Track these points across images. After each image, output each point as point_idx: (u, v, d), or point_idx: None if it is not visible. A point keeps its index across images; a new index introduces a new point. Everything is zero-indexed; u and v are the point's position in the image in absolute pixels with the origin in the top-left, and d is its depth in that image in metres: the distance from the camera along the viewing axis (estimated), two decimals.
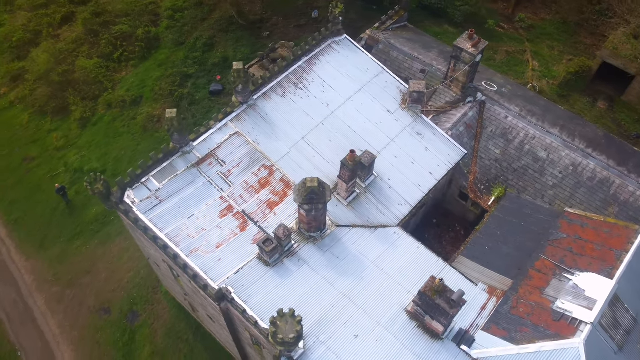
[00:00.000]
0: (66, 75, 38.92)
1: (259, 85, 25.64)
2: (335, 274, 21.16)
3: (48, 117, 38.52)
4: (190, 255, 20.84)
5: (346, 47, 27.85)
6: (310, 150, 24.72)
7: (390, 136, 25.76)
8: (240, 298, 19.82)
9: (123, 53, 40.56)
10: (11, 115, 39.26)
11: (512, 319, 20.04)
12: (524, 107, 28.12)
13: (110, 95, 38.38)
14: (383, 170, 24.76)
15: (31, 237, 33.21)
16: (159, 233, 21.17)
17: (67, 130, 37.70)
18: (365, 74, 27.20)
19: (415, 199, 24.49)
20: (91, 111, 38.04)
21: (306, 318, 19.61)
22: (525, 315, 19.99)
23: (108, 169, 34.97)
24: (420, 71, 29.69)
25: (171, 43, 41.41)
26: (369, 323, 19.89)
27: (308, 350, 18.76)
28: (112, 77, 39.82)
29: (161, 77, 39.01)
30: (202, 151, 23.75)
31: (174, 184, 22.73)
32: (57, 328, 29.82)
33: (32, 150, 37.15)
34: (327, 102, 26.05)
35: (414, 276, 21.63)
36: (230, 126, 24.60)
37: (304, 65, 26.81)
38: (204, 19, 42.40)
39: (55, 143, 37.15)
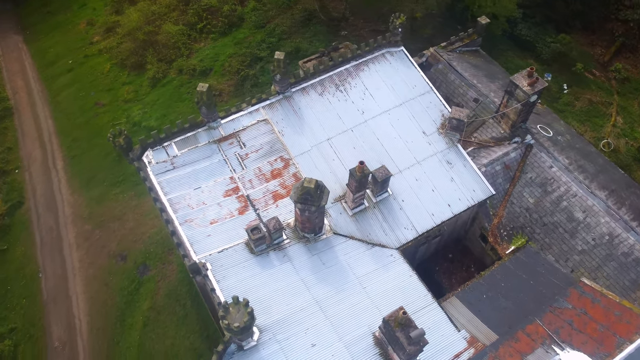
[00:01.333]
0: (150, 35, 41.51)
1: (300, 79, 25.80)
2: (315, 279, 20.94)
3: (126, 71, 41.36)
4: (183, 224, 21.58)
5: (399, 60, 27.20)
6: (332, 152, 24.52)
7: (418, 158, 24.86)
8: (215, 276, 20.22)
9: (206, 25, 42.50)
10: (97, 62, 42.62)
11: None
12: (576, 162, 25.92)
13: (183, 62, 40.39)
14: (399, 190, 23.98)
15: (81, 175, 35.95)
16: (161, 196, 22.12)
17: (138, 86, 40.28)
18: (410, 90, 26.42)
19: (423, 227, 23.48)
20: (163, 73, 40.28)
21: (270, 314, 19.66)
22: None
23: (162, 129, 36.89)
24: (474, 100, 28.30)
25: (252, 24, 42.70)
26: (331, 337, 19.48)
27: (260, 345, 18.76)
28: (191, 45, 41.87)
29: (234, 55, 40.38)
30: (227, 130, 24.40)
31: (192, 154, 23.58)
32: (77, 262, 32.14)
33: (105, 98, 40.12)
34: (363, 110, 25.65)
35: (395, 303, 20.71)
36: (260, 112, 25.02)
37: (351, 69, 26.56)
38: (289, 7, 43.26)
39: (125, 95, 39.83)
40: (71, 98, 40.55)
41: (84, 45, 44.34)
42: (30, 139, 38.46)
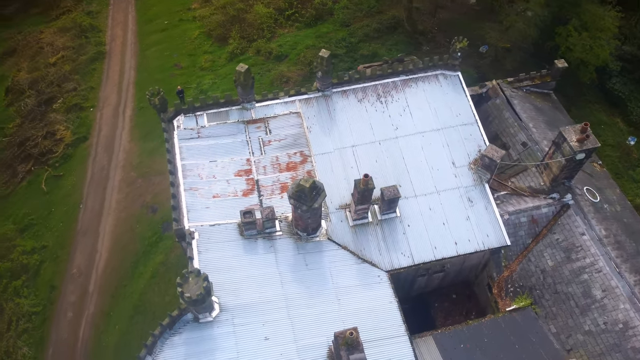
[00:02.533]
0: (240, 12, 43.28)
1: (343, 82, 25.70)
2: (292, 277, 20.93)
3: (210, 41, 43.51)
4: (187, 190, 22.48)
5: (452, 84, 26.16)
6: (352, 160, 24.23)
7: (438, 187, 23.84)
8: (198, 247, 20.90)
9: (295, 13, 43.45)
10: (188, 27, 45.23)
11: None
12: (615, 236, 23.52)
13: (263, 44, 41.67)
14: (408, 215, 23.18)
15: (142, 126, 38.49)
16: (177, 159, 23.18)
17: (216, 57, 42.22)
18: (453, 117, 25.33)
19: (421, 258, 22.53)
20: (242, 50, 41.86)
21: (238, 297, 19.99)
22: None
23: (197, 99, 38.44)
24: (522, 143, 26.51)
25: (338, 22, 43.00)
26: (288, 336, 19.42)
27: (216, 322, 19.16)
28: (274, 29, 43.07)
29: (311, 47, 40.95)
30: (258, 113, 24.97)
31: (219, 128, 24.43)
32: (115, 203, 34.59)
33: (184, 61, 42.53)
34: (397, 126, 25.04)
35: (364, 323, 20.13)
36: (295, 104, 25.30)
37: (399, 83, 26.00)
38: (378, 12, 43.01)
39: (203, 63, 41.94)
40: (156, 55, 43.43)
41: (182, 9, 47.16)
42: (111, 83, 41.79)
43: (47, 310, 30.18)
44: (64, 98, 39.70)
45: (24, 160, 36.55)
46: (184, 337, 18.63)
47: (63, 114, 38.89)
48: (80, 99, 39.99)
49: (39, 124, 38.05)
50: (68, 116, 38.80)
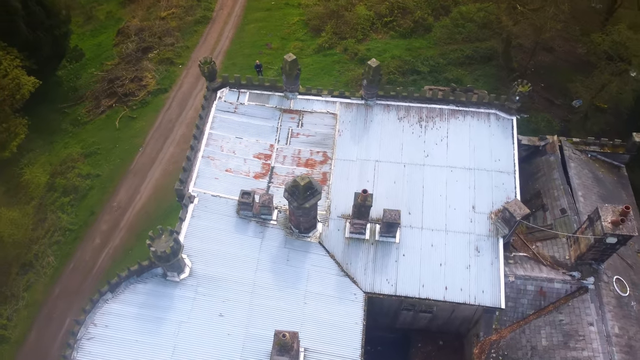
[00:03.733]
0: (341, 9, 43.78)
1: (390, 96, 25.23)
2: (268, 267, 21.15)
3: (305, 29, 44.62)
4: (204, 157, 23.50)
5: (502, 127, 24.61)
6: (371, 175, 23.78)
7: (449, 227, 22.66)
8: (192, 211, 21.86)
9: (392, 22, 43.11)
10: (290, 12, 46.73)
11: None
12: (629, 338, 20.88)
13: (352, 44, 41.90)
14: (407, 244, 22.31)
15: None
16: (207, 127, 24.28)
17: (305, 47, 43.23)
18: (490, 161, 23.86)
19: (405, 291, 21.59)
20: (330, 45, 42.45)
21: (210, 268, 20.67)
22: None
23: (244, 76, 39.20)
24: (561, 209, 24.26)
25: (434, 40, 42.00)
26: (241, 320, 19.73)
27: (180, 285, 19.98)
28: (368, 33, 43.07)
29: (397, 58, 40.49)
30: (296, 105, 25.35)
31: (256, 109, 25.19)
32: (169, 155, 36.91)
33: (275, 43, 44.06)
34: (428, 153, 24.13)
35: (318, 333, 20.00)
36: (335, 106, 25.32)
37: (445, 111, 24.99)
38: (476, 39, 41.33)
39: (291, 49, 43.10)
40: (253, 31, 45.42)
41: None
42: (206, 47, 44.48)
43: (81, 231, 33.21)
44: (160, 50, 43.00)
45: (109, 96, 40.28)
46: (147, 287, 19.70)
47: (154, 64, 42.18)
48: (174, 55, 43.08)
49: (132, 68, 41.63)
50: (158, 67, 42.01)
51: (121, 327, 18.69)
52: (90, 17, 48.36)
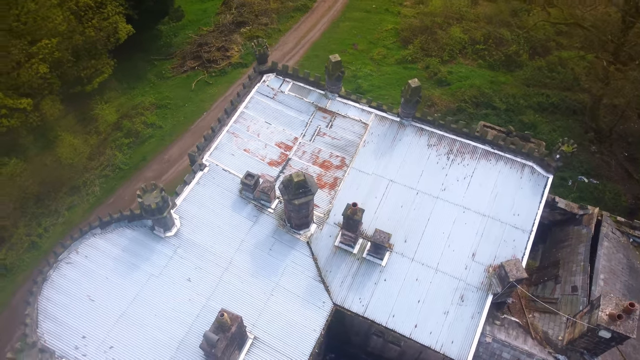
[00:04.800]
0: (435, 26, 42.92)
1: (427, 120, 24.51)
2: (249, 250, 21.65)
3: (395, 38, 44.34)
4: (228, 132, 24.45)
5: (533, 183, 22.97)
6: (380, 192, 23.35)
7: (440, 267, 21.68)
8: (200, 179, 22.93)
9: (484, 50, 41.44)
10: (387, 18, 46.54)
11: None
12: None
13: (435, 63, 40.90)
14: (392, 271, 21.67)
15: None
16: (241, 105, 25.20)
17: (389, 55, 42.92)
18: (508, 214, 22.40)
19: (373, 315, 20.96)
20: (413, 59, 41.78)
21: (196, 235, 21.61)
22: None
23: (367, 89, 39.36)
24: (572, 287, 22.14)
25: (521, 78, 39.80)
26: (205, 291, 20.40)
27: (163, 240, 21.11)
28: (455, 56, 41.76)
29: (477, 87, 38.94)
30: (332, 106, 25.48)
31: (293, 100, 25.69)
32: None
33: (362, 45, 44.15)
34: (446, 187, 23.19)
35: (274, 329, 20.18)
36: (369, 116, 25.12)
37: (479, 151, 23.82)
38: (567, 88, 38.47)
39: (375, 54, 43.05)
40: (345, 29, 45.88)
41: (397, 1, 48.41)
42: (296, 35, 45.72)
43: (129, 172, 35.97)
44: (253, 27, 44.94)
45: (194, 59, 42.95)
46: (133, 234, 21.09)
47: (243, 39, 44.21)
48: (264, 34, 44.80)
49: (222, 37, 43.99)
50: (246, 43, 43.97)
51: (98, 262, 20.25)
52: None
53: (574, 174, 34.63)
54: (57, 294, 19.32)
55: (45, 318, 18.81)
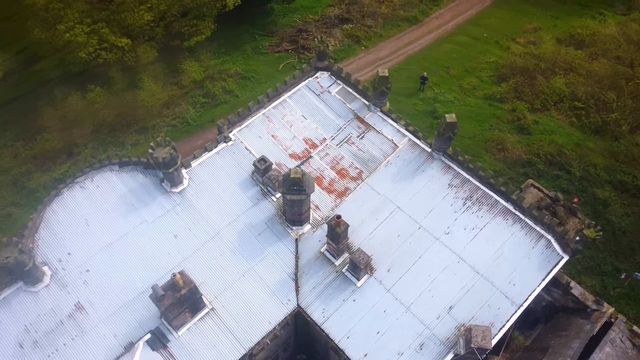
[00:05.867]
0: (538, 71, 40.23)
1: (458, 160, 23.49)
2: (239, 229, 22.48)
3: (491, 73, 42.15)
4: (262, 116, 25.27)
5: (544, 258, 21.22)
6: (383, 216, 22.89)
7: (413, 307, 20.86)
8: (219, 149, 24.14)
9: (581, 109, 38.19)
10: (493, 51, 44.25)
11: None
12: None
13: (522, 107, 38.46)
14: (364, 295, 21.27)
15: None
16: (286, 93, 25.93)
17: (478, 88, 41.07)
18: (504, 280, 20.94)
19: (329, 330, 20.76)
20: (502, 98, 39.70)
21: (195, 198, 22.86)
22: None
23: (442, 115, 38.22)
24: None
25: (612, 149, 36.10)
26: (183, 251, 21.59)
27: (167, 195, 22.62)
28: (548, 107, 38.96)
29: (556, 145, 36.12)
30: (371, 119, 25.36)
31: (335, 103, 25.91)
32: None
33: (456, 70, 42.68)
34: (449, 232, 22.16)
35: (233, 308, 20.92)
36: (403, 139, 24.69)
37: (499, 206, 22.39)
38: None
39: (464, 83, 41.41)
40: (445, 50, 44.58)
41: (510, 35, 45.96)
42: (394, 44, 45.26)
43: (194, 129, 38.28)
44: (355, 26, 45.38)
45: (291, 42, 44.47)
46: (144, 180, 22.78)
47: (343, 35, 44.85)
48: (364, 36, 45.09)
49: (323, 28, 45.01)
50: (344, 39, 44.61)
51: (106, 194, 22.31)
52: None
53: (631, 268, 31.02)
54: (62, 210, 21.69)
55: (45, 227, 21.26)
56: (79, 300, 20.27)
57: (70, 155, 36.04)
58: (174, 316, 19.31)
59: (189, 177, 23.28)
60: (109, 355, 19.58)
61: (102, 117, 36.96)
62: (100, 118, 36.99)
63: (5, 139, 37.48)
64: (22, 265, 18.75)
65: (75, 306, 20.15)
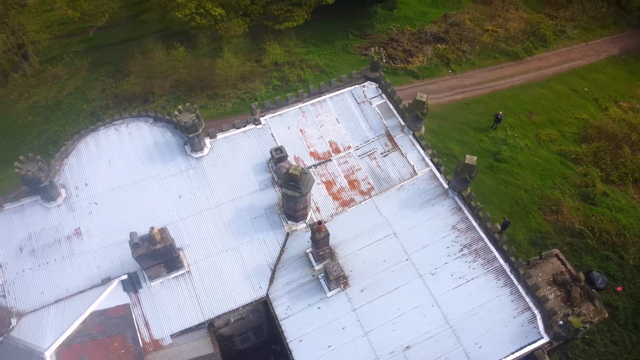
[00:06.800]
0: (626, 140, 36.62)
1: (470, 204, 22.42)
2: (238, 208, 23.40)
3: (577, 131, 39.04)
4: (299, 108, 25.75)
5: (522, 333, 19.87)
6: (377, 237, 22.61)
7: (370, 335, 20.51)
8: (246, 129, 25.06)
9: None
10: (586, 107, 40.91)
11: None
12: None
13: (595, 174, 35.26)
14: (330, 306, 21.32)
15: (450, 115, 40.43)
16: (328, 94, 26.12)
17: (556, 141, 38.22)
18: (472, 340, 19.93)
19: (286, 330, 21.15)
20: (576, 159, 36.71)
21: (211, 168, 24.08)
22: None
23: (505, 158, 36.40)
24: None
25: None
26: (182, 211, 23.00)
27: (185, 157, 24.03)
28: (626, 182, 35.40)
29: (619, 224, 32.81)
30: (400, 141, 25.16)
31: (372, 116, 25.76)
32: None
33: (540, 118, 39.95)
34: (435, 273, 21.35)
35: (207, 277, 21.97)
36: (424, 169, 24.11)
37: (496, 263, 21.27)
38: None
39: (542, 134, 38.75)
40: (535, 95, 41.90)
41: (614, 96, 42.14)
42: (486, 74, 43.35)
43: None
44: (448, 47, 44.17)
45: (379, 48, 44.36)
46: (171, 138, 24.29)
47: (432, 54, 43.88)
48: (455, 60, 43.72)
49: (415, 43, 44.37)
50: (432, 58, 43.63)
51: (134, 141, 24.12)
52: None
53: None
54: (93, 144, 23.94)
55: (75, 155, 23.62)
56: (80, 226, 22.41)
57: (145, 102, 39.25)
58: (147, 266, 20.74)
59: (210, 147, 24.52)
60: (87, 283, 21.55)
61: (181, 76, 39.72)
62: (180, 76, 39.77)
63: (100, 73, 41.75)
64: (38, 181, 21.14)
65: (75, 230, 22.33)
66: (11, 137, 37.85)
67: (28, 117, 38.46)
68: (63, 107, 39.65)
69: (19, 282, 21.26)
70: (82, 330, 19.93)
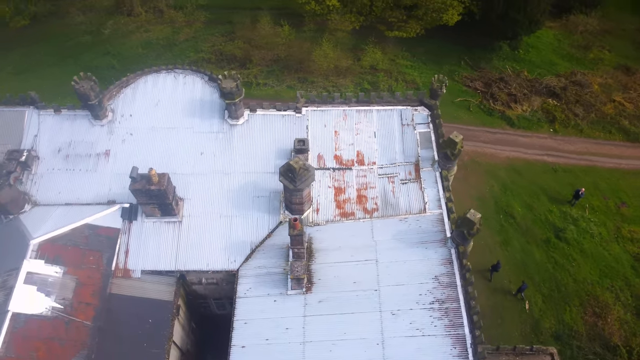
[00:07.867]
0: None
1: (461, 262, 20.82)
2: (246, 182, 24.32)
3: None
4: (342, 110, 25.64)
5: None
6: (360, 259, 22.06)
7: (307, 337, 20.20)
8: (284, 114, 25.58)
9: None
10: None
11: None
12: None
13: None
14: (285, 303, 21.36)
15: None
16: (377, 107, 25.62)
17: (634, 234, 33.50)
18: None
19: (238, 311, 21.62)
20: None
21: (239, 139, 25.10)
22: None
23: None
24: None
25: None
26: (184, 168, 24.48)
27: (223, 124, 25.22)
28: None
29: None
30: (424, 174, 24.05)
31: (410, 142, 24.92)
32: None
33: (631, 210, 35.28)
34: (392, 313, 20.24)
35: (192, 233, 23.23)
36: (436, 210, 22.76)
37: (459, 321, 19.46)
38: None
39: (626, 230, 34.13)
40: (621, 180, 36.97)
41: None
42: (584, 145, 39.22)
43: None
44: (559, 106, 40.39)
45: (485, 84, 42.00)
46: (211, 97, 25.55)
47: (539, 106, 40.46)
48: (561, 119, 39.78)
49: (524, 89, 41.23)
50: (537, 111, 40.24)
51: (185, 92, 25.79)
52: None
53: None
54: (151, 83, 26.01)
55: (132, 88, 25.93)
56: (111, 149, 24.83)
57: (242, 66, 41.62)
58: (141, 202, 22.46)
59: (247, 119, 25.46)
60: (96, 198, 23.99)
61: (281, 52, 41.36)
62: (280, 52, 41.44)
63: (215, 30, 45.16)
64: (87, 97, 23.78)
65: (105, 151, 24.80)
66: (124, 63, 42.49)
67: (139, 49, 42.88)
68: (174, 50, 43.53)
69: (46, 177, 24.26)
70: (70, 234, 22.25)
